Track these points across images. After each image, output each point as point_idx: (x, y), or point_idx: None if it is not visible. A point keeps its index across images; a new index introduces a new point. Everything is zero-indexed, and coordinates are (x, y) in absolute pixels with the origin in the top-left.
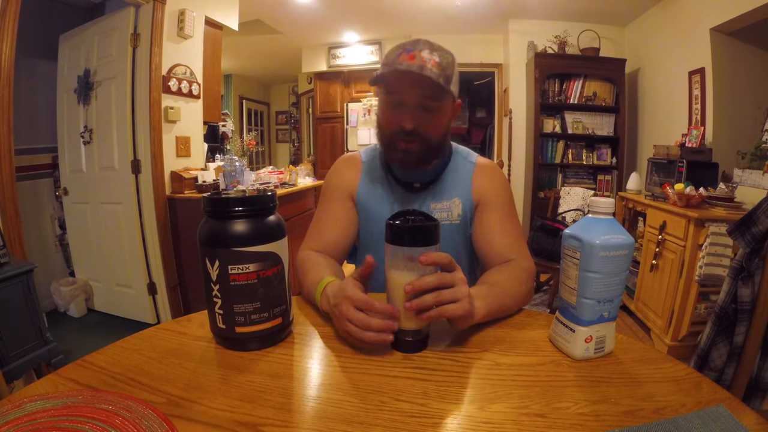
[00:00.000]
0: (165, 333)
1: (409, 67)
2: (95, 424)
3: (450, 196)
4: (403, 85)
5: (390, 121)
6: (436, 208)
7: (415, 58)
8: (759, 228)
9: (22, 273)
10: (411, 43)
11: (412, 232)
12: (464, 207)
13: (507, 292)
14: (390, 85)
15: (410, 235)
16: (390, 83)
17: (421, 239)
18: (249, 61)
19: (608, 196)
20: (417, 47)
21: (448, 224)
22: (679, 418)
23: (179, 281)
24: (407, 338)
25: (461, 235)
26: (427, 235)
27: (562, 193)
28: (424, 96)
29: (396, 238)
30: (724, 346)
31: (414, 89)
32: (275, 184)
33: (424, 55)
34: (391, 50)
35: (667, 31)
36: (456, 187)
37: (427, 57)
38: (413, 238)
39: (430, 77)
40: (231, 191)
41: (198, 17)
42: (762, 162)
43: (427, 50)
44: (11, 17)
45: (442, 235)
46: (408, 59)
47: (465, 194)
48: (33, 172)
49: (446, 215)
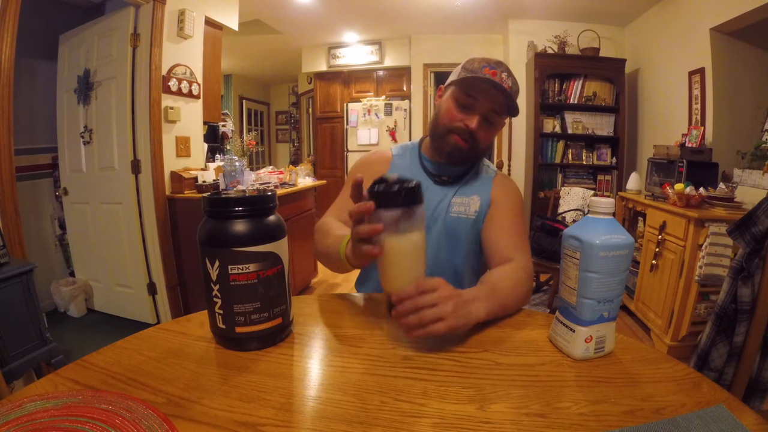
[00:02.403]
0: (165, 333)
1: (492, 78)
2: (95, 424)
3: (471, 193)
4: (481, 92)
5: (454, 117)
6: (456, 202)
7: (496, 75)
8: (759, 228)
9: (22, 273)
10: (495, 62)
11: (398, 194)
12: (481, 205)
13: (508, 293)
14: (470, 89)
15: (397, 197)
16: (471, 86)
17: (408, 199)
18: (249, 61)
19: (608, 196)
20: (500, 68)
21: (465, 218)
22: (679, 418)
23: (179, 281)
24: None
25: (474, 231)
26: (412, 194)
27: (562, 193)
28: (493, 110)
29: (385, 202)
30: (724, 346)
31: (489, 100)
32: (275, 184)
33: (503, 77)
34: (476, 60)
35: (666, 31)
36: (478, 187)
37: (505, 79)
38: (401, 199)
39: (510, 94)
40: (231, 191)
41: (198, 17)
42: (762, 162)
43: (506, 73)
44: (11, 17)
45: (456, 229)
46: (491, 74)
47: (484, 194)
48: (33, 172)
49: (464, 209)
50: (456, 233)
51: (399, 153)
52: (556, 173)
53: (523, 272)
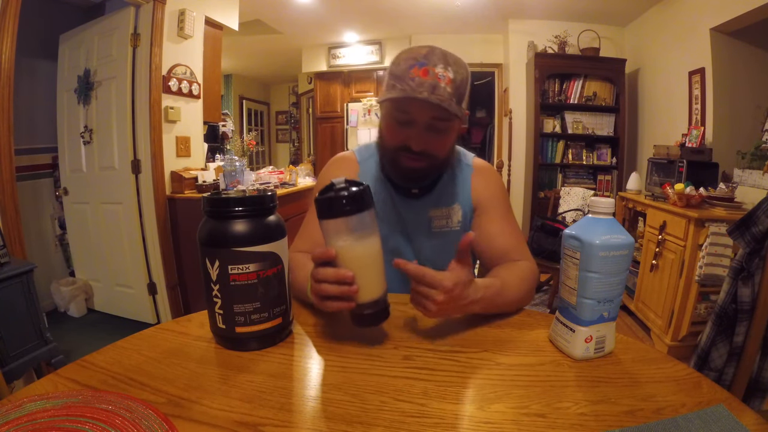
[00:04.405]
0: (165, 333)
1: (422, 86)
2: (95, 424)
3: (450, 202)
4: (414, 107)
5: (395, 139)
6: (436, 215)
7: (428, 74)
8: (759, 228)
9: (22, 273)
10: (424, 54)
11: (347, 199)
12: (464, 213)
13: (511, 286)
14: (400, 105)
15: (346, 204)
16: (400, 104)
17: (356, 204)
18: (249, 61)
19: (608, 196)
20: (431, 61)
21: (448, 231)
22: (679, 418)
23: (179, 281)
24: (366, 311)
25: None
26: (360, 199)
27: (562, 193)
28: (435, 118)
29: (332, 212)
30: (724, 346)
31: (426, 111)
32: (275, 184)
33: (438, 71)
34: (402, 58)
35: (667, 31)
36: (456, 193)
37: (441, 73)
38: (350, 206)
39: (444, 106)
40: (231, 191)
41: (198, 17)
42: (762, 162)
43: (441, 65)
44: (11, 17)
45: (443, 242)
46: (421, 74)
47: (465, 200)
48: (33, 172)
49: (446, 222)
50: (444, 246)
51: (364, 157)
52: (556, 173)
53: (530, 272)
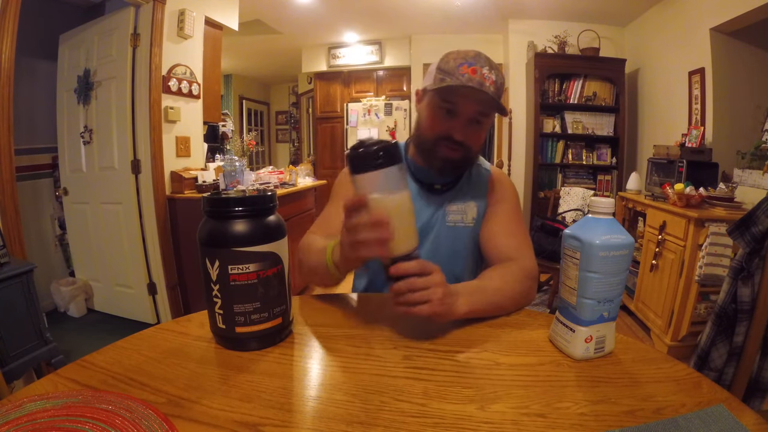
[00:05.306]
0: (165, 333)
1: (471, 81)
2: (95, 424)
3: (467, 200)
4: (462, 98)
5: (438, 128)
6: (452, 210)
7: (476, 72)
8: (759, 228)
9: (22, 273)
10: (472, 56)
11: (380, 152)
12: (479, 211)
13: (499, 290)
14: (448, 95)
15: (379, 157)
16: (450, 94)
17: (388, 157)
18: (249, 61)
19: (608, 196)
20: (479, 62)
21: (462, 227)
22: (679, 418)
23: (179, 281)
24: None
25: (473, 238)
26: (391, 152)
27: (562, 193)
28: (479, 112)
29: (365, 165)
30: (724, 346)
31: (473, 104)
32: (275, 184)
33: (484, 72)
34: (451, 57)
35: (667, 31)
36: (474, 192)
37: (486, 74)
38: (382, 159)
39: (493, 98)
40: (231, 191)
41: (198, 17)
42: (762, 162)
43: (487, 67)
44: (11, 17)
45: (455, 238)
46: (470, 72)
47: (481, 199)
48: (33, 172)
49: (461, 217)
50: (454, 242)
51: None
52: (556, 173)
53: (522, 270)
